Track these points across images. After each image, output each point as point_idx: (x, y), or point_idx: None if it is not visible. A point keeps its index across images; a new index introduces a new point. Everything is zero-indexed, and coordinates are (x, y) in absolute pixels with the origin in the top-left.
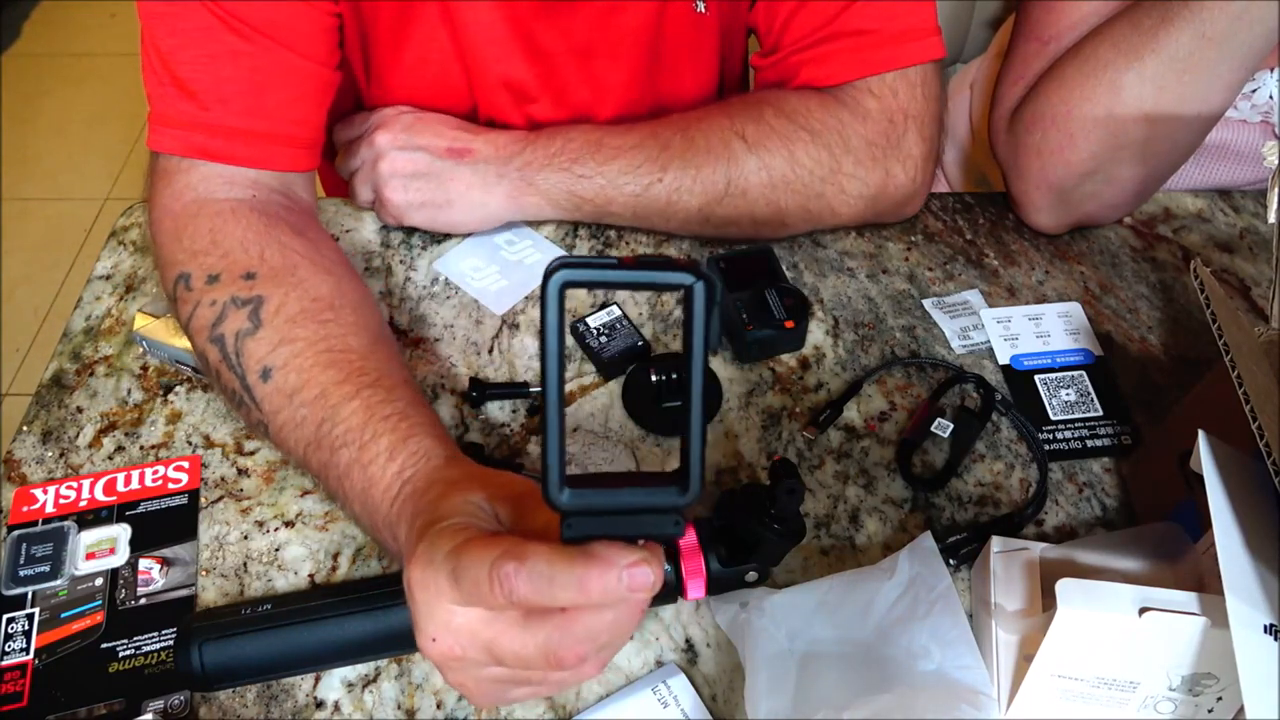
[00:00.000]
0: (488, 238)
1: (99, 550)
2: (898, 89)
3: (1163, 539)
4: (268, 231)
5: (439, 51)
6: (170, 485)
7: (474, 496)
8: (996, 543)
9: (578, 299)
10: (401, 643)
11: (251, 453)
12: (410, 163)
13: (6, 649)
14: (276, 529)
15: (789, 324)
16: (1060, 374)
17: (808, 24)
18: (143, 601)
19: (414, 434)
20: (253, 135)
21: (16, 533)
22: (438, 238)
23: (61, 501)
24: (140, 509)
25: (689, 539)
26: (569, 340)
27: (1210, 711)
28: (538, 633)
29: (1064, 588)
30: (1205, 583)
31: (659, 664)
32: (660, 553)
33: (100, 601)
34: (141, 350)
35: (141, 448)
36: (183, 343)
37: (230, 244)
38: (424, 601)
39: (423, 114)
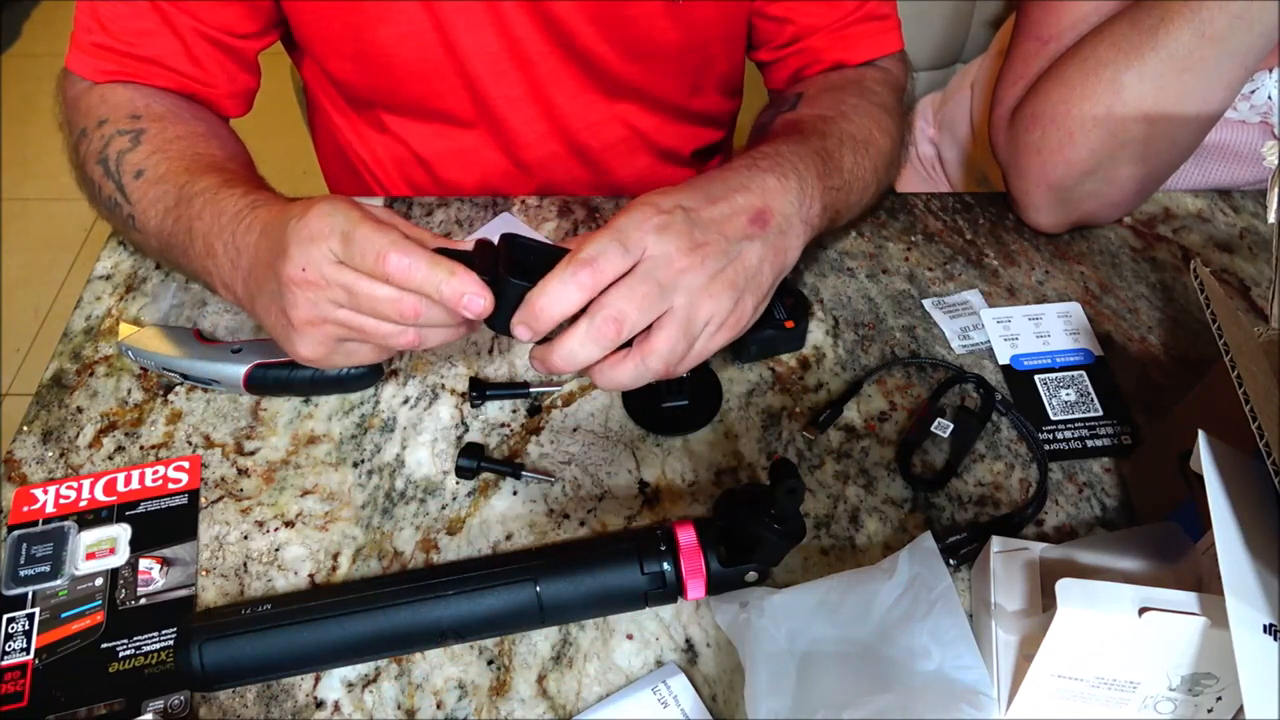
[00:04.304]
0: (488, 238)
1: (99, 550)
2: (902, 65)
3: (1163, 539)
4: (156, 92)
5: (413, 23)
6: (170, 485)
7: None
8: (996, 543)
9: None
10: (401, 643)
11: (251, 453)
12: (736, 263)
13: (6, 649)
14: (276, 529)
15: (789, 324)
16: (1060, 374)
17: (835, 13)
18: (143, 601)
19: (261, 189)
20: (155, 63)
21: (16, 533)
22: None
23: (61, 501)
24: (140, 509)
25: (689, 538)
26: None
27: (1210, 711)
28: (389, 288)
29: (1064, 588)
30: (1205, 583)
31: (659, 664)
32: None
33: (100, 601)
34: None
35: (141, 448)
36: (169, 349)
37: (115, 99)
38: (303, 246)
39: (687, 191)
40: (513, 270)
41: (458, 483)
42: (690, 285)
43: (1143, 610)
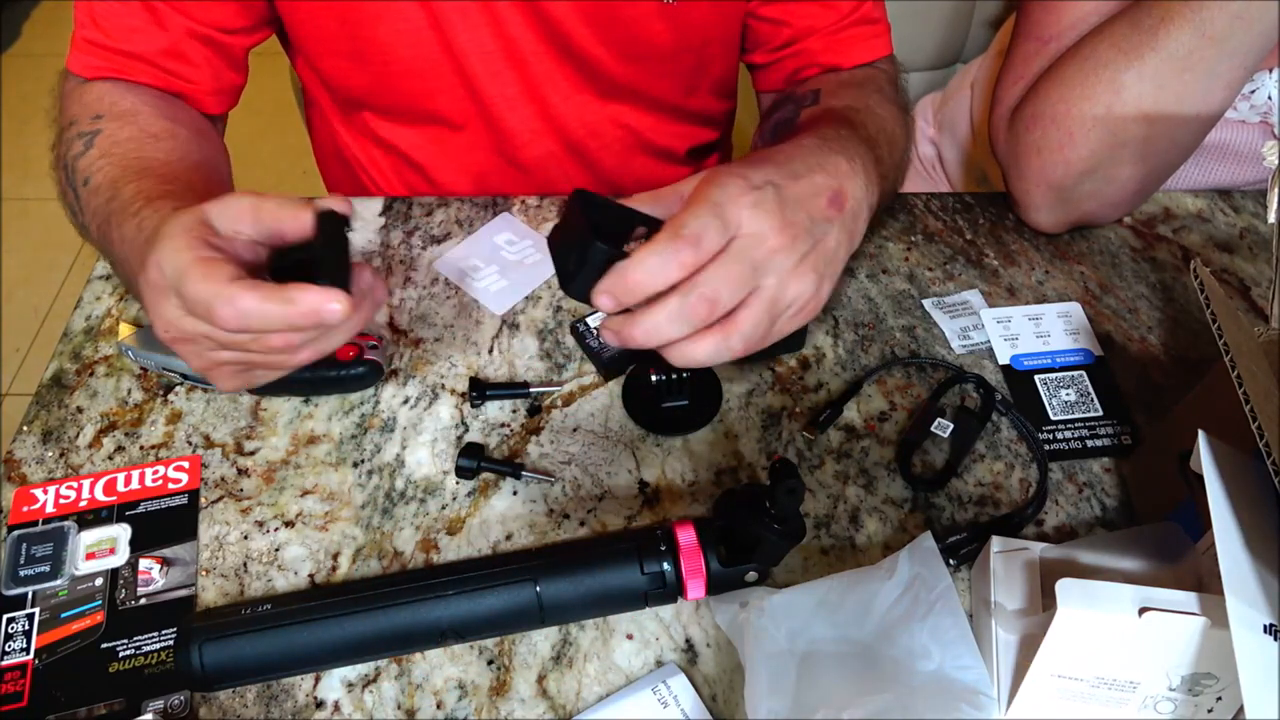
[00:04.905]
0: (488, 238)
1: (99, 550)
2: (894, 68)
3: (1163, 539)
4: (129, 90)
5: (409, 20)
6: (170, 485)
7: (192, 213)
8: (996, 543)
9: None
10: (401, 642)
11: (251, 453)
12: (820, 245)
13: (6, 649)
14: (276, 529)
15: None
16: (1060, 374)
17: (832, 15)
18: (143, 601)
19: (165, 198)
20: (139, 59)
21: (16, 533)
22: (438, 237)
23: (61, 501)
24: (140, 509)
25: (689, 538)
26: (569, 340)
27: (1210, 711)
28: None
29: (1064, 588)
30: (1205, 583)
31: (659, 664)
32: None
33: (100, 601)
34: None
35: (141, 448)
36: (169, 350)
37: (89, 98)
38: (155, 301)
39: (771, 165)
40: (596, 232)
41: (458, 483)
42: (781, 266)
43: (1143, 610)
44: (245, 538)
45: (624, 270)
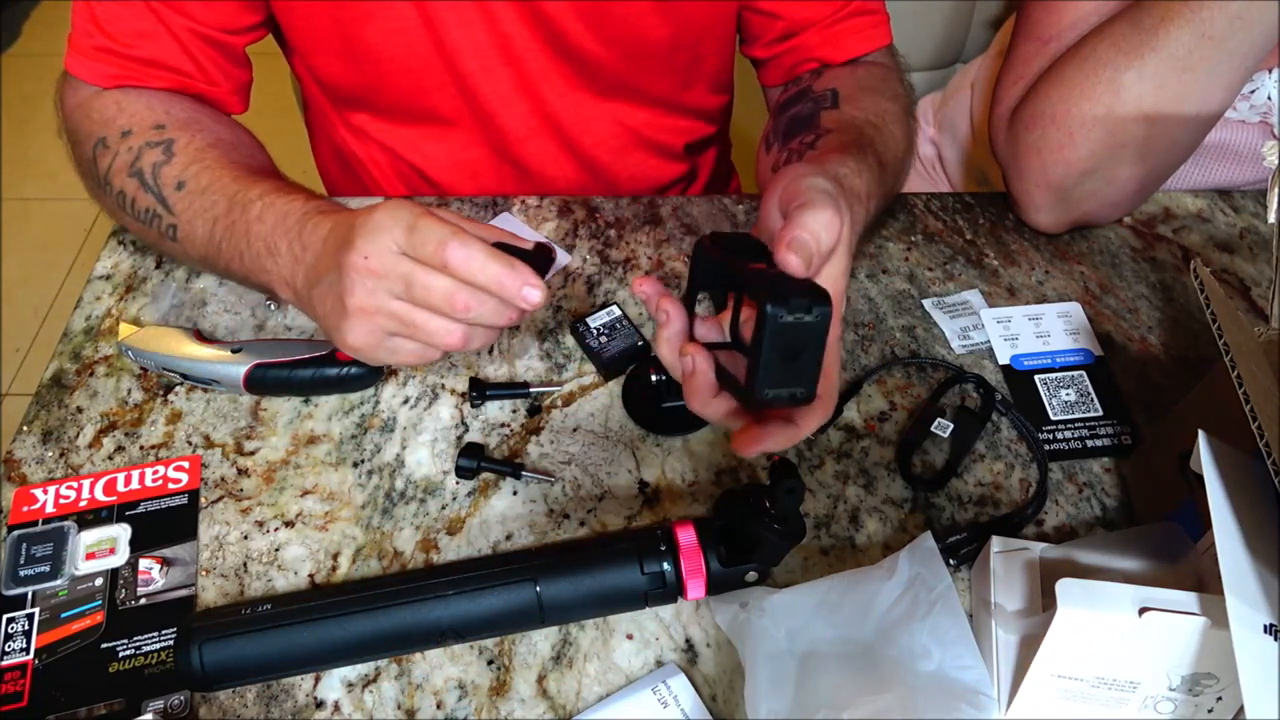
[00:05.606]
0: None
1: (99, 550)
2: (895, 58)
3: (1163, 539)
4: (170, 98)
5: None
6: (170, 485)
7: None
8: (996, 543)
9: (578, 299)
10: (401, 642)
11: (251, 453)
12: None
13: (6, 649)
14: (276, 529)
15: None
16: (1060, 374)
17: (826, 9)
18: (143, 601)
19: (321, 197)
20: (158, 65)
21: (16, 533)
22: None
23: (61, 501)
24: (140, 509)
25: (689, 538)
26: (569, 340)
27: (1210, 711)
28: (446, 280)
29: (1064, 588)
30: (1205, 583)
31: (659, 664)
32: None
33: (100, 601)
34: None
35: (141, 448)
36: (169, 349)
37: (136, 108)
38: (374, 232)
39: (850, 246)
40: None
41: (458, 483)
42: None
43: (1143, 610)
44: (245, 538)
45: (794, 435)
